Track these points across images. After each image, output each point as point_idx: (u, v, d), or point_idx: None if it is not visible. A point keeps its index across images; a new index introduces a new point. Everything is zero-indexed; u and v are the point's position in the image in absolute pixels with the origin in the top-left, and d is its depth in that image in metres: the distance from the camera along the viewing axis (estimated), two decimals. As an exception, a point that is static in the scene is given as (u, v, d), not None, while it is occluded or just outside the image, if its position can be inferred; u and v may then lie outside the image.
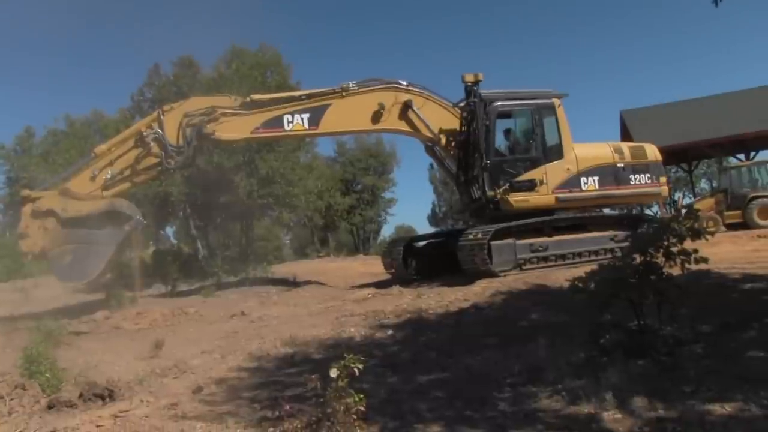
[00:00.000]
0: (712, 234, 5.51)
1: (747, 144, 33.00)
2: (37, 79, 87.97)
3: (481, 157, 13.63)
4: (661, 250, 5.40)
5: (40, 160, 29.45)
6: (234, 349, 8.25)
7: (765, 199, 24.48)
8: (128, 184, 13.36)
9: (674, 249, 5.37)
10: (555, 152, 14.07)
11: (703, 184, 56.51)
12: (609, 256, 12.55)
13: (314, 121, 13.72)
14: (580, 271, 7.63)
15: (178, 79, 24.42)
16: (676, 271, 5.42)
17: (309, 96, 13.84)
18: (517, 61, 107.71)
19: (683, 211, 5.64)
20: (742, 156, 34.63)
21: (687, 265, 5.37)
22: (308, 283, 18.17)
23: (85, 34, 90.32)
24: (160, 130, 13.05)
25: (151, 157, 13.11)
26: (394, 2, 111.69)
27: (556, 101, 14.33)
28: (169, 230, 37.75)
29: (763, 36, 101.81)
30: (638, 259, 5.50)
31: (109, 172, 12.96)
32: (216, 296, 16.95)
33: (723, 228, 22.23)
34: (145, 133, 12.97)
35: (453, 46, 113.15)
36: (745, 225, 23.37)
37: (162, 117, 13.19)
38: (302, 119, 13.67)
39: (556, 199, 13.81)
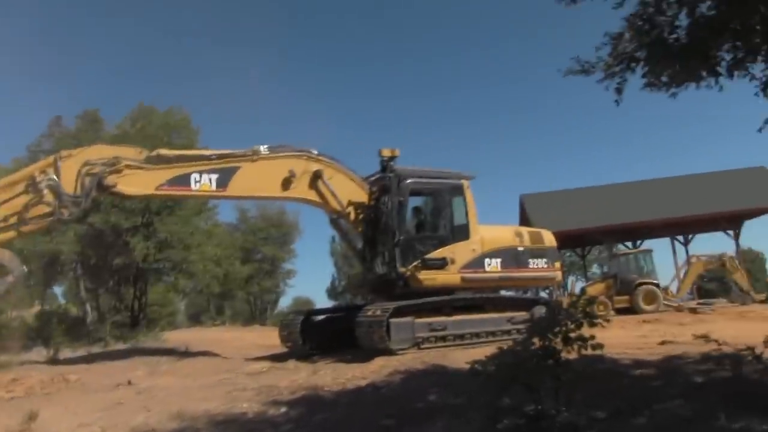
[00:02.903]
0: (607, 321, 5.64)
1: (635, 232, 34.91)
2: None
3: (392, 233, 13.69)
4: (560, 335, 5.46)
5: None
6: (116, 422, 7.74)
7: (650, 286, 25.85)
8: (13, 233, 11.84)
9: (572, 334, 5.44)
10: (462, 232, 14.30)
11: (595, 269, 58.93)
12: (506, 337, 12.71)
13: (222, 183, 13.12)
14: (478, 351, 7.64)
15: (80, 133, 23.60)
16: (572, 355, 5.48)
17: (219, 156, 13.26)
18: (425, 143, 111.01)
19: (579, 296, 5.76)
20: (630, 243, 36.51)
21: (583, 351, 5.45)
22: (202, 353, 17.50)
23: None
24: (55, 177, 11.76)
25: (42, 205, 11.70)
26: (317, 72, 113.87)
27: (465, 182, 14.65)
28: (58, 289, 36.07)
29: (654, 131, 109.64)
30: (537, 343, 5.54)
31: None
32: (102, 363, 16.03)
33: (612, 312, 23.15)
34: (38, 179, 11.60)
35: (363, 121, 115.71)
36: (632, 310, 24.50)
37: (59, 162, 11.95)
38: (210, 180, 13.01)
39: (462, 278, 13.95)
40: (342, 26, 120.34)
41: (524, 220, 33.98)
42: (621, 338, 12.60)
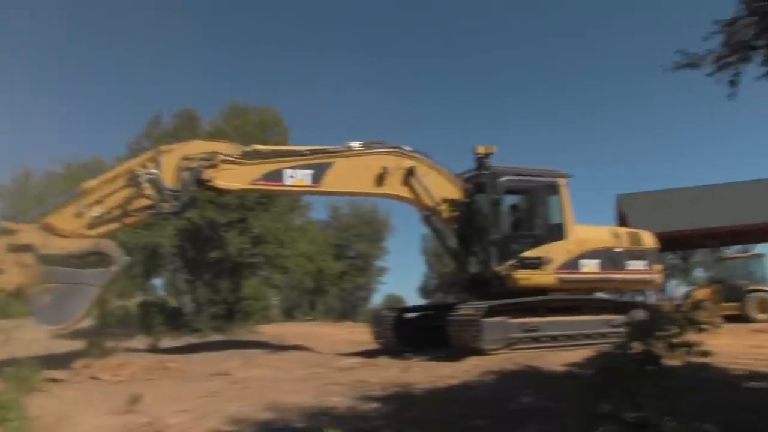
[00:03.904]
0: (717, 326, 5.31)
1: (744, 236, 33.07)
2: (38, 122, 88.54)
3: (488, 231, 13.50)
4: (663, 340, 5.17)
5: (35, 203, 29.33)
6: (213, 410, 7.91)
7: (762, 293, 24.32)
8: (116, 225, 12.50)
9: (676, 340, 5.14)
10: (558, 232, 14.06)
11: (699, 273, 56.54)
12: (602, 340, 12.31)
13: (316, 179, 13.34)
14: (573, 354, 7.41)
15: (177, 131, 24.36)
16: (676, 362, 5.18)
17: (313, 152, 13.44)
18: (519, 141, 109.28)
19: (685, 300, 5.45)
20: (737, 247, 34.72)
21: (689, 358, 5.14)
22: (294, 347, 17.77)
23: (89, 81, 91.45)
24: (155, 171, 12.27)
25: (143, 198, 12.28)
26: (409, 72, 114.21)
27: (561, 181, 14.38)
28: (157, 281, 37.50)
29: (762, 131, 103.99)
30: (637, 347, 5.27)
31: (97, 210, 12.07)
32: (200, 353, 16.53)
33: (719, 319, 22.01)
34: (139, 173, 12.17)
35: (456, 119, 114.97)
36: (741, 318, 23.12)
37: (159, 157, 12.46)
38: (304, 175, 13.27)
39: (558, 279, 13.69)
40: (432, 26, 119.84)
41: (622, 222, 32.83)
42: (731, 347, 11.87)
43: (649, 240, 15.43)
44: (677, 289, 43.92)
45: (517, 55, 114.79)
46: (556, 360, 9.61)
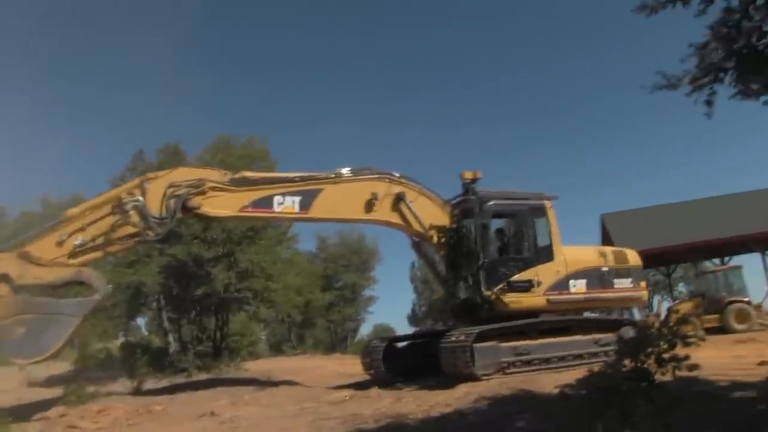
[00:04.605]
0: (702, 340, 5.38)
1: (722, 249, 33.44)
2: (16, 158, 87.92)
3: (476, 256, 13.55)
4: (652, 356, 5.23)
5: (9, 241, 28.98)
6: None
7: (741, 304, 24.70)
8: (100, 253, 12.24)
9: (665, 355, 5.21)
10: (546, 254, 14.12)
11: (681, 288, 56.92)
12: (593, 360, 12.38)
13: (305, 205, 13.29)
14: (566, 375, 7.43)
15: (162, 166, 24.39)
16: (666, 377, 5.24)
17: (302, 178, 13.39)
18: (504, 166, 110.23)
19: (669, 315, 5.53)
20: (717, 260, 35.06)
21: (678, 372, 5.20)
22: (283, 382, 17.63)
23: (71, 116, 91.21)
24: (141, 198, 12.09)
25: (128, 226, 12.06)
26: (397, 101, 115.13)
27: (547, 203, 14.50)
28: (141, 321, 37.09)
29: (739, 146, 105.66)
30: (628, 365, 5.32)
31: (80, 238, 11.78)
32: (185, 393, 16.32)
33: (701, 332, 22.14)
34: (125, 200, 11.96)
35: (443, 146, 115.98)
36: (722, 329, 23.41)
37: (145, 184, 12.31)
38: (293, 202, 13.20)
39: (548, 300, 13.74)
40: (417, 55, 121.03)
41: (606, 240, 33.09)
42: (714, 359, 11.99)
43: (633, 258, 15.59)
44: (661, 304, 44.13)
45: (501, 83, 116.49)
46: (549, 382, 9.61)
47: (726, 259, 34.56)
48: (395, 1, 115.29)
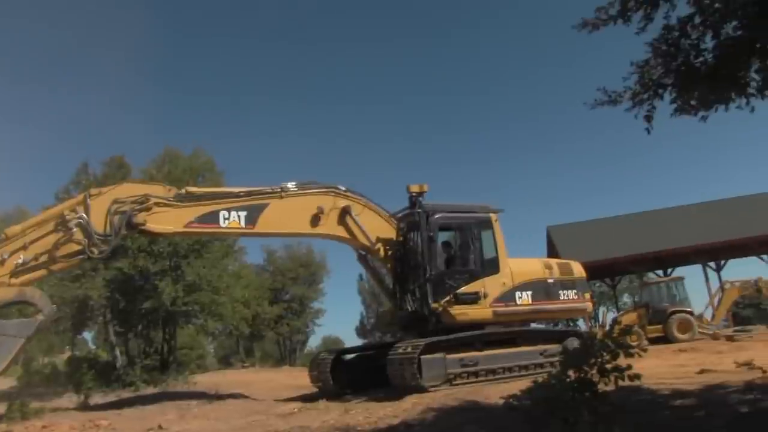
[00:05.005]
0: (644, 350, 5.48)
1: (665, 260, 34.30)
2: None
3: (423, 269, 13.58)
4: (596, 367, 5.31)
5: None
6: (147, 468, 7.69)
7: (683, 314, 25.34)
8: (43, 272, 11.78)
9: (608, 365, 5.29)
10: (492, 266, 14.20)
11: (626, 299, 58.14)
12: (539, 370, 12.53)
13: (251, 220, 13.12)
14: (512, 386, 7.50)
15: (107, 179, 23.92)
16: (609, 387, 5.33)
17: (247, 193, 13.24)
18: (450, 179, 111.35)
19: (613, 326, 5.63)
20: (660, 272, 35.92)
21: (620, 382, 5.29)
22: (231, 395, 17.38)
23: (10, 128, 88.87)
24: (85, 215, 11.74)
25: (72, 243, 11.66)
26: (343, 114, 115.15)
27: (493, 216, 14.62)
28: (87, 335, 36.33)
29: (683, 157, 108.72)
30: (572, 375, 5.39)
31: (22, 257, 11.32)
32: (133, 408, 15.98)
33: (645, 342, 22.65)
34: (68, 217, 11.60)
35: (389, 159, 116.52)
36: (665, 339, 23.99)
37: (89, 201, 11.94)
38: (239, 217, 13.00)
39: (494, 312, 13.79)
40: (363, 64, 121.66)
41: (552, 252, 33.68)
42: (657, 368, 12.30)
43: (578, 269, 15.80)
44: (606, 315, 44.95)
45: (447, 96, 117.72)
46: (495, 393, 9.68)
47: (669, 270, 35.46)
48: (339, 12, 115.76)
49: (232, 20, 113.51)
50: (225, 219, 12.97)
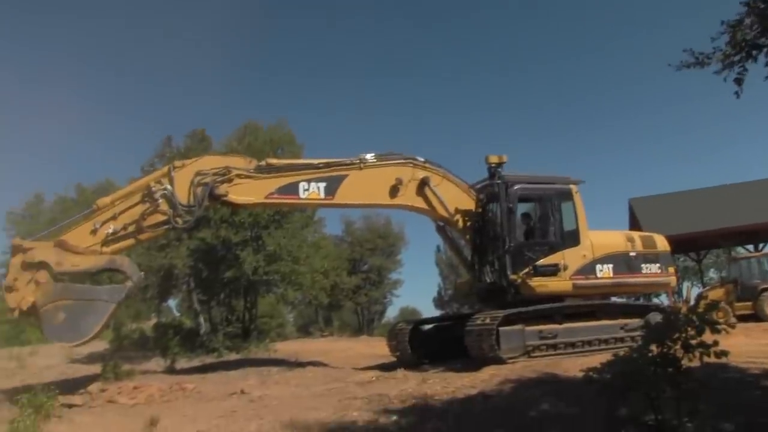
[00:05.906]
0: (732, 327, 5.30)
1: (756, 235, 32.84)
2: (50, 147, 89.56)
3: (502, 241, 13.50)
4: (679, 342, 5.19)
5: (47, 227, 29.55)
6: (231, 429, 7.98)
7: (777, 292, 24.11)
8: (132, 241, 12.48)
9: (693, 341, 5.16)
10: (572, 238, 13.98)
11: (712, 274, 56.16)
12: (619, 344, 12.31)
13: (330, 191, 13.34)
14: (590, 359, 7.39)
15: (190, 152, 24.57)
16: (693, 363, 5.20)
17: (326, 165, 13.45)
18: (531, 151, 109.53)
19: (699, 301, 5.47)
20: (751, 247, 34.47)
21: (706, 359, 5.16)
22: (311, 363, 17.80)
23: (99, 106, 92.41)
24: (170, 187, 12.30)
25: (158, 214, 12.28)
26: (423, 87, 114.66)
27: (573, 187, 14.33)
28: (172, 302, 37.64)
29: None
30: (655, 350, 5.29)
31: (112, 226, 12.01)
32: (216, 373, 16.59)
33: (733, 319, 21.82)
34: (153, 189, 12.17)
35: (468, 130, 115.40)
36: (755, 317, 22.97)
37: (173, 173, 12.48)
38: (318, 188, 13.25)
39: (573, 285, 13.60)
40: (440, 42, 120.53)
41: (634, 225, 32.71)
42: (746, 347, 11.87)
43: (662, 243, 15.38)
44: (691, 290, 43.59)
45: (525, 67, 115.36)
46: (574, 366, 9.58)
47: (760, 245, 34.02)
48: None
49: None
50: (305, 190, 13.22)
